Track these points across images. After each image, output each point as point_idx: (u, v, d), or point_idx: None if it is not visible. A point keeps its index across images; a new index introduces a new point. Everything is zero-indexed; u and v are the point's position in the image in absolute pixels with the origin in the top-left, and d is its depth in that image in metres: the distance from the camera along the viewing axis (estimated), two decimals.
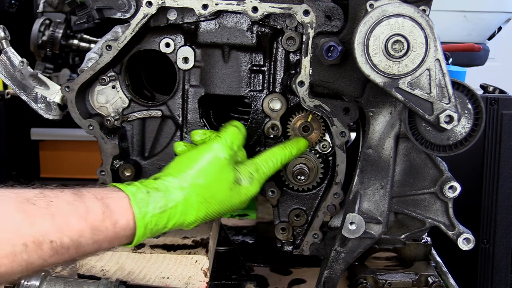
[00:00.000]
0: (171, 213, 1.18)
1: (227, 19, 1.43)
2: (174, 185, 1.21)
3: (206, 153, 1.27)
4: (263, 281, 1.66)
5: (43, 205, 1.04)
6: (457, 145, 1.28)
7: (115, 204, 1.13)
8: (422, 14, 1.18)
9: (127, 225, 1.13)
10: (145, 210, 1.14)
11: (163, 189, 1.20)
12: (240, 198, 1.29)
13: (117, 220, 1.11)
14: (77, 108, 1.41)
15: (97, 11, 1.38)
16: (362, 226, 1.32)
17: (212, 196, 1.24)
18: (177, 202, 1.19)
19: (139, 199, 1.15)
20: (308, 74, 1.35)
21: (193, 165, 1.25)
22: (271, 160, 1.36)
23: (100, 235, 1.09)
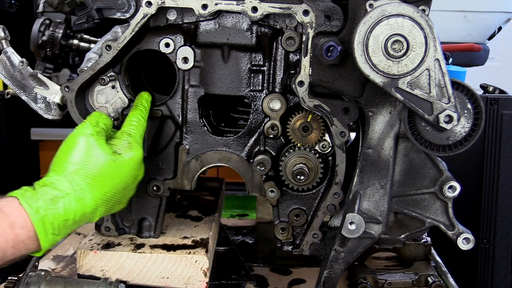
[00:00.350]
0: (65, 202, 1.19)
1: (226, 19, 1.43)
2: (58, 177, 1.22)
3: (73, 138, 1.29)
4: (263, 281, 1.66)
5: None
6: (457, 145, 1.28)
7: (6, 206, 1.13)
8: (421, 14, 1.18)
9: (25, 224, 1.13)
10: (36, 205, 1.15)
11: (49, 183, 1.21)
12: (130, 166, 1.30)
13: (13, 221, 1.12)
14: (77, 108, 1.41)
15: (96, 11, 1.38)
16: (362, 226, 1.32)
17: (98, 174, 1.25)
18: (66, 190, 1.20)
19: (28, 197, 1.16)
20: (307, 74, 1.35)
21: (67, 153, 1.27)
22: (133, 121, 1.37)
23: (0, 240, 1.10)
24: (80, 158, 1.25)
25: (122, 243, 1.48)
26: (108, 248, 1.45)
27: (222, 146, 1.48)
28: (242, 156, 1.48)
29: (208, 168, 1.50)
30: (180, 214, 1.73)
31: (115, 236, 1.51)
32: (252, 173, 1.48)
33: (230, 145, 1.48)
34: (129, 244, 1.48)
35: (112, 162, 1.27)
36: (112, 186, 1.27)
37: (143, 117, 1.40)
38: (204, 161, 1.49)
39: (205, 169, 1.49)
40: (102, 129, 1.32)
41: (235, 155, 1.48)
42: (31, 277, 1.30)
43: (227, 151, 1.48)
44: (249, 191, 1.50)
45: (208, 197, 1.91)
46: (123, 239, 1.51)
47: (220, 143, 1.48)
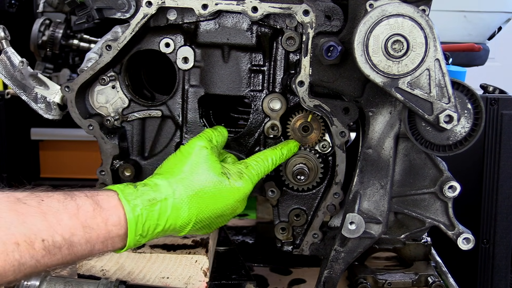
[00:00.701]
0: (161, 206, 1.18)
1: (227, 19, 1.43)
2: (162, 181, 1.21)
3: (189, 149, 1.28)
4: (263, 281, 1.66)
5: (34, 204, 1.04)
6: (457, 145, 1.28)
7: (105, 201, 1.13)
8: (421, 14, 1.18)
9: (119, 222, 1.12)
10: (134, 203, 1.14)
11: (152, 185, 1.20)
12: (233, 196, 1.26)
13: (108, 216, 1.11)
14: (77, 108, 1.41)
15: (96, 11, 1.38)
16: (362, 226, 1.32)
17: (202, 189, 1.23)
18: (166, 194, 1.19)
19: (128, 193, 1.16)
20: (308, 74, 1.35)
21: (177, 161, 1.26)
22: (261, 159, 1.35)
23: (92, 233, 1.09)
24: (189, 168, 1.24)
25: None
26: None
27: None
28: (242, 156, 1.48)
29: None
30: None
31: None
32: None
33: (230, 145, 1.48)
34: None
35: (218, 183, 1.24)
36: (210, 207, 1.24)
37: (274, 159, 1.37)
38: None
39: None
40: (215, 146, 1.31)
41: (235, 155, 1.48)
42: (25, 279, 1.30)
43: (227, 151, 1.48)
44: None
45: None
46: None
47: None
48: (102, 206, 1.11)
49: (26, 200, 1.04)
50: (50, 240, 1.02)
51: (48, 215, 1.03)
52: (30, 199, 1.04)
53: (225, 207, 1.26)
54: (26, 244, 0.99)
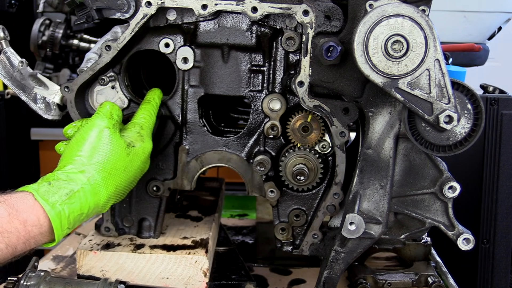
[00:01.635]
0: (80, 196, 1.19)
1: (226, 19, 1.42)
2: (74, 170, 1.22)
3: (90, 130, 1.29)
4: (263, 281, 1.66)
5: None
6: (457, 145, 1.27)
7: (20, 203, 1.12)
8: (421, 14, 1.18)
9: (38, 221, 1.13)
10: (52, 200, 1.15)
11: (64, 178, 1.20)
12: (140, 159, 1.32)
13: (26, 218, 1.11)
14: (77, 108, 1.41)
15: (96, 12, 1.38)
16: (362, 226, 1.32)
17: (113, 167, 1.26)
18: (82, 184, 1.20)
19: (43, 192, 1.16)
20: (307, 74, 1.35)
21: (83, 145, 1.27)
22: (144, 114, 1.38)
23: (11, 237, 1.09)
24: (97, 151, 1.26)
25: (122, 244, 1.48)
26: (108, 248, 1.45)
27: (222, 146, 1.48)
28: (242, 157, 1.48)
29: (208, 168, 1.50)
30: (180, 214, 1.73)
31: (115, 237, 1.51)
32: (252, 173, 1.47)
33: (230, 146, 1.48)
34: (129, 245, 1.47)
35: (127, 156, 1.29)
36: (125, 179, 1.29)
37: (154, 112, 1.41)
38: (204, 161, 1.49)
39: (205, 169, 1.49)
40: (116, 122, 1.33)
41: (235, 155, 1.48)
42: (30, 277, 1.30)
43: (227, 151, 1.48)
44: (249, 191, 1.50)
45: (208, 197, 1.91)
46: (123, 239, 1.51)
47: (220, 143, 1.48)
48: (18, 209, 1.11)
49: None
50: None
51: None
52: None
53: (136, 171, 1.32)
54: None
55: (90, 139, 1.27)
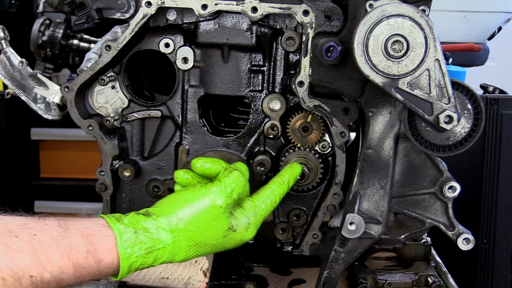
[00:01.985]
0: (158, 254, 1.18)
1: (226, 19, 1.43)
2: (164, 227, 1.19)
3: (202, 198, 1.24)
4: (263, 281, 1.65)
5: (26, 238, 1.02)
6: (457, 145, 1.27)
7: (100, 242, 1.11)
8: (421, 14, 1.18)
9: (111, 264, 1.12)
10: (130, 251, 1.14)
11: (152, 230, 1.18)
12: (234, 243, 1.28)
13: (101, 259, 1.11)
14: (77, 108, 1.41)
15: (96, 11, 1.38)
16: (362, 226, 1.32)
17: (203, 242, 1.23)
18: (165, 244, 1.18)
19: (126, 239, 1.14)
20: (307, 74, 1.35)
21: (187, 208, 1.23)
22: (269, 199, 1.34)
23: (82, 271, 1.09)
24: (197, 223, 1.22)
25: None
26: None
27: (222, 146, 1.48)
28: (242, 157, 1.48)
29: None
30: None
31: None
32: (252, 173, 1.47)
33: (230, 145, 1.48)
34: None
35: (222, 238, 1.25)
36: (208, 252, 1.26)
37: (281, 197, 1.36)
38: None
39: None
40: (233, 201, 1.27)
41: (235, 155, 1.48)
42: None
43: (227, 151, 1.48)
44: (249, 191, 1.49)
45: None
46: None
47: (220, 143, 1.48)
48: (97, 248, 1.11)
49: (18, 233, 1.02)
50: (39, 277, 1.02)
51: (38, 251, 1.02)
52: (22, 232, 1.03)
53: (222, 249, 1.28)
54: (13, 280, 0.98)
55: (197, 206, 1.23)
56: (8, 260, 0.98)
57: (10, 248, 0.99)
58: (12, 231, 1.02)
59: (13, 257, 0.99)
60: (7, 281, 0.98)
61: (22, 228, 1.04)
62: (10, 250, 0.99)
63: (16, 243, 1.01)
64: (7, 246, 0.99)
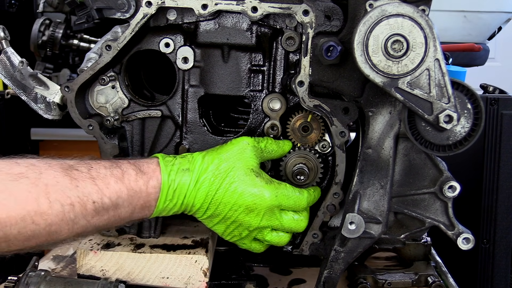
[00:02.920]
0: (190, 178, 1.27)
1: (226, 19, 1.43)
2: (200, 157, 1.32)
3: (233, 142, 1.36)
4: (263, 281, 1.66)
5: (85, 170, 1.18)
6: (457, 145, 1.28)
7: (145, 166, 1.26)
8: (421, 14, 1.18)
9: (158, 185, 1.24)
10: (170, 168, 1.27)
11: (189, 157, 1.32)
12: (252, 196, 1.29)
13: (148, 179, 1.24)
14: (77, 108, 1.41)
15: (96, 11, 1.38)
16: (362, 226, 1.32)
17: (229, 167, 1.29)
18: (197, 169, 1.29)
19: (167, 160, 1.29)
20: (307, 74, 1.35)
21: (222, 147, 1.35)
22: (298, 190, 1.37)
23: (134, 196, 1.21)
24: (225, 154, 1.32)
25: (122, 243, 1.48)
26: (108, 248, 1.45)
27: None
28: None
29: None
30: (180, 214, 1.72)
31: (115, 236, 1.51)
32: None
33: None
34: (129, 244, 1.47)
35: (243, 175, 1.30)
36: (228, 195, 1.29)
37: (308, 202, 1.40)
38: None
39: None
40: (260, 148, 1.37)
41: None
42: (31, 277, 1.30)
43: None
44: None
45: None
46: (123, 239, 1.51)
47: (220, 143, 1.48)
48: (143, 170, 1.24)
49: (78, 166, 1.18)
50: (100, 202, 1.16)
51: (97, 179, 1.17)
52: (80, 166, 1.18)
53: (242, 204, 1.29)
54: (80, 206, 1.13)
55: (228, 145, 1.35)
56: (74, 188, 1.13)
57: (74, 179, 1.14)
58: (72, 165, 1.18)
59: (77, 186, 1.14)
60: (75, 207, 1.13)
61: (80, 163, 1.20)
62: (74, 181, 1.14)
63: (77, 175, 1.16)
64: (71, 177, 1.14)
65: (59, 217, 1.10)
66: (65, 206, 1.11)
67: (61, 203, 1.10)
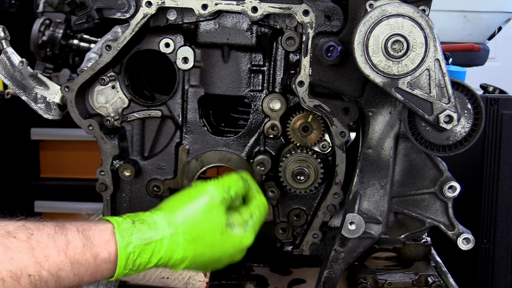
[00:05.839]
0: (156, 246, 1.17)
1: (226, 19, 1.43)
2: (162, 220, 1.20)
3: (199, 193, 1.26)
4: (263, 281, 1.66)
5: (24, 238, 1.04)
6: (457, 145, 1.28)
7: (97, 236, 1.12)
8: (421, 14, 1.18)
9: (109, 258, 1.12)
10: (128, 240, 1.14)
11: (150, 222, 1.19)
12: (233, 245, 1.26)
13: (98, 252, 1.11)
14: (77, 108, 1.41)
15: (96, 11, 1.38)
16: (362, 226, 1.32)
17: (201, 236, 1.21)
18: (163, 235, 1.18)
19: (124, 228, 1.15)
20: (307, 74, 1.35)
21: (184, 203, 1.24)
22: (263, 206, 1.35)
23: (80, 268, 1.09)
24: (193, 213, 1.22)
25: None
26: None
27: (222, 146, 1.48)
28: (242, 156, 1.48)
29: (208, 168, 1.50)
30: None
31: None
32: (252, 173, 1.47)
33: (230, 145, 1.48)
34: None
35: (220, 234, 1.23)
36: (207, 254, 1.24)
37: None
38: (204, 161, 1.49)
39: (205, 169, 1.49)
40: (230, 197, 1.28)
41: (235, 155, 1.48)
42: None
43: (227, 151, 1.48)
44: None
45: None
46: None
47: (220, 143, 1.48)
48: (93, 242, 1.11)
49: (16, 233, 1.04)
50: (37, 276, 1.03)
51: (36, 250, 1.04)
52: (20, 232, 1.04)
53: (223, 255, 1.26)
54: (12, 280, 1.00)
55: (193, 200, 1.25)
56: (7, 261, 1.00)
57: (9, 249, 1.01)
58: (10, 232, 1.04)
59: (11, 257, 1.00)
60: (6, 281, 0.99)
61: (20, 229, 1.05)
62: (8, 251, 1.01)
63: (14, 244, 1.02)
64: (5, 247, 1.01)
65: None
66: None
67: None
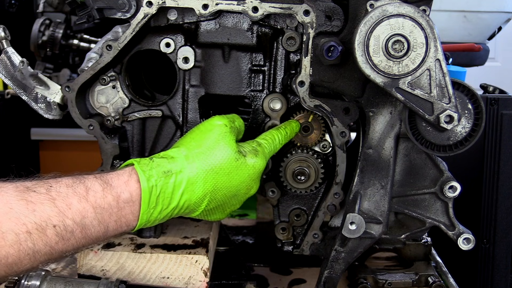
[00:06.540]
0: (176, 179, 1.17)
1: (227, 19, 1.43)
2: (179, 154, 1.21)
3: (209, 125, 1.28)
4: (263, 281, 1.66)
5: (43, 191, 1.04)
6: (457, 145, 1.28)
7: (114, 179, 1.13)
8: (422, 14, 1.18)
9: (130, 198, 1.12)
10: (149, 173, 1.14)
11: (168, 157, 1.20)
12: (248, 172, 1.26)
13: (118, 194, 1.11)
14: (77, 108, 1.41)
15: (97, 11, 1.38)
16: (362, 226, 1.32)
17: (217, 165, 1.21)
18: (182, 167, 1.18)
19: (143, 164, 1.16)
20: (308, 74, 1.35)
21: (197, 135, 1.26)
22: (269, 137, 1.35)
23: (103, 213, 1.09)
24: (206, 143, 1.23)
25: (123, 243, 1.48)
26: (109, 248, 1.45)
27: None
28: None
29: None
30: None
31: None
32: None
33: None
34: (130, 244, 1.48)
35: (234, 161, 1.23)
36: (226, 184, 1.23)
37: (279, 138, 1.36)
38: None
39: None
40: (236, 128, 1.30)
41: None
42: (31, 277, 1.30)
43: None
44: None
45: None
46: (124, 239, 1.51)
47: None
48: (112, 184, 1.11)
49: (35, 187, 1.04)
50: (62, 226, 1.03)
51: (57, 200, 1.04)
52: (39, 187, 1.05)
53: (240, 185, 1.26)
54: (38, 232, 1.00)
55: (204, 131, 1.26)
56: (30, 213, 1.00)
57: (30, 202, 1.01)
58: (29, 187, 1.04)
59: (34, 210, 1.01)
60: (33, 234, 1.00)
61: (38, 183, 1.06)
62: (30, 204, 1.01)
63: (35, 197, 1.02)
64: (27, 201, 1.01)
65: (15, 247, 0.98)
66: (20, 235, 0.98)
67: (15, 233, 0.98)
